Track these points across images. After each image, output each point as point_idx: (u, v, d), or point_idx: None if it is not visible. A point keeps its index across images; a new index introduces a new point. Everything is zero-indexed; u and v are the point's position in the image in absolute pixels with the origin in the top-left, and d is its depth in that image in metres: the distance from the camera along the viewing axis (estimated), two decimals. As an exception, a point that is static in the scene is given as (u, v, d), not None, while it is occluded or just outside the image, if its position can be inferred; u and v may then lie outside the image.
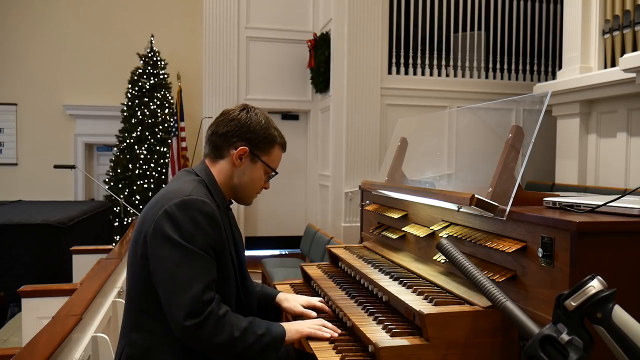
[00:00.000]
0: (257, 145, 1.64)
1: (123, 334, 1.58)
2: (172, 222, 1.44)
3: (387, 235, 2.37)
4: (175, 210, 1.45)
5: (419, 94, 6.33)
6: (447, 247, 1.54)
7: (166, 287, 1.43)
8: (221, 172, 1.64)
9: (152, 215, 1.49)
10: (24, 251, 4.57)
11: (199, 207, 1.47)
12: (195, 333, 1.41)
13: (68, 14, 8.50)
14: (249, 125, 1.63)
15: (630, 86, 4.44)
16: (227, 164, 1.63)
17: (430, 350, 1.46)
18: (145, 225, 1.50)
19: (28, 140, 8.50)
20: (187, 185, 1.53)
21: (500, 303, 1.27)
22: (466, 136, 3.77)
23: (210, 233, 1.48)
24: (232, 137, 1.61)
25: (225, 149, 1.63)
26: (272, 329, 1.55)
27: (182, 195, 1.48)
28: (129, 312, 1.57)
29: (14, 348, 2.25)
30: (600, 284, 1.00)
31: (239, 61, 7.23)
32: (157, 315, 1.50)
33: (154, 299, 1.49)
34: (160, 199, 1.52)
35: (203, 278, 1.44)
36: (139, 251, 1.51)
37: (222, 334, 1.43)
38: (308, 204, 7.70)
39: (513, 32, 6.80)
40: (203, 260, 1.45)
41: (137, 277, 1.54)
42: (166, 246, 1.44)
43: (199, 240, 1.45)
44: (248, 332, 1.48)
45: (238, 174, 1.64)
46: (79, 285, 2.66)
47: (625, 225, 1.35)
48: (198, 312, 1.40)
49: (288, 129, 7.64)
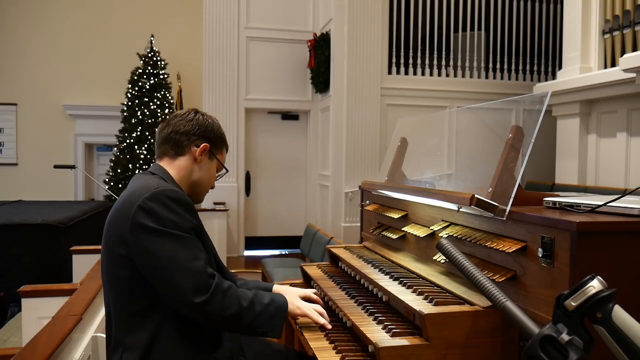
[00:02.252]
0: (215, 144, 1.74)
1: (115, 342, 1.54)
2: (150, 215, 1.46)
3: (387, 235, 2.37)
4: (149, 203, 1.47)
5: (419, 94, 6.33)
6: (447, 247, 1.54)
7: (166, 274, 1.45)
8: (181, 169, 1.68)
9: (124, 216, 1.48)
10: (24, 251, 4.57)
11: (171, 196, 1.51)
12: (206, 308, 1.46)
13: (68, 14, 8.51)
14: (207, 125, 1.72)
15: (630, 86, 4.44)
16: (187, 160, 1.69)
17: (430, 350, 1.46)
18: (119, 227, 1.49)
19: (28, 140, 8.50)
20: (151, 181, 1.56)
21: (500, 303, 1.27)
22: (466, 136, 3.77)
23: (187, 217, 1.52)
24: (194, 134, 1.69)
25: (186, 146, 1.68)
26: (276, 299, 1.64)
27: (151, 189, 1.50)
28: (116, 318, 1.54)
29: (14, 348, 2.25)
30: (600, 284, 1.00)
31: (239, 61, 7.23)
32: (149, 313, 1.50)
33: (140, 298, 1.49)
34: (127, 200, 1.52)
35: (198, 256, 1.49)
36: (117, 253, 1.49)
37: (231, 306, 1.49)
38: (308, 204, 7.70)
39: (513, 32, 6.80)
40: (191, 240, 1.50)
41: (118, 280, 1.52)
42: (152, 238, 1.45)
43: (180, 224, 1.49)
44: (255, 302, 1.56)
45: (197, 170, 1.71)
46: (79, 285, 2.66)
47: (625, 225, 1.35)
48: (205, 287, 1.46)
49: (288, 129, 7.65)
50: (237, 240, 7.30)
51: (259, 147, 7.49)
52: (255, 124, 7.51)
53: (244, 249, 7.44)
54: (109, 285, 1.56)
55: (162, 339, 1.50)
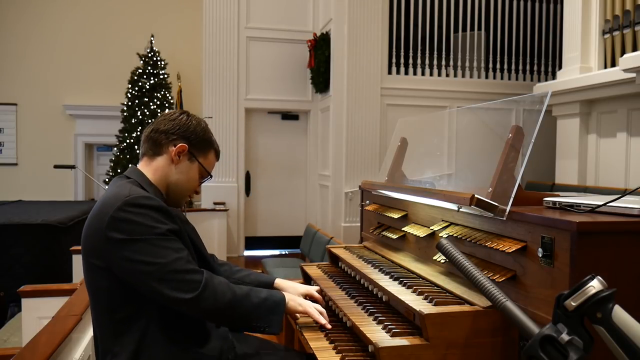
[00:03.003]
0: (196, 146, 1.67)
1: (102, 350, 1.52)
2: (123, 224, 1.43)
3: (387, 235, 2.37)
4: (120, 213, 1.44)
5: (419, 94, 6.33)
6: (447, 247, 1.54)
7: (151, 277, 1.43)
8: (157, 170, 1.65)
9: (98, 227, 1.46)
10: (24, 251, 4.57)
11: (142, 203, 1.47)
12: (199, 303, 1.45)
13: (68, 14, 8.51)
14: (189, 126, 1.66)
15: (630, 86, 4.44)
16: (164, 160, 1.65)
17: (430, 350, 1.46)
18: (93, 237, 1.48)
19: (28, 140, 8.50)
20: (122, 189, 1.52)
21: (500, 303, 1.27)
22: (466, 136, 3.77)
23: (162, 221, 1.48)
24: (173, 134, 1.64)
25: (164, 146, 1.64)
26: (274, 294, 1.64)
27: (122, 198, 1.47)
28: (102, 326, 1.53)
29: (14, 348, 2.25)
30: (600, 284, 1.00)
31: (239, 61, 7.23)
32: (132, 320, 1.49)
33: (123, 306, 1.48)
34: (101, 209, 1.49)
35: (179, 253, 1.47)
36: (93, 263, 1.48)
37: (224, 296, 1.49)
38: (308, 204, 7.70)
39: (513, 32, 6.80)
40: (169, 241, 1.47)
41: (98, 290, 1.51)
42: (129, 247, 1.43)
43: (155, 229, 1.46)
44: (250, 294, 1.56)
45: (175, 172, 1.65)
46: (79, 285, 2.66)
47: (625, 225, 1.35)
48: (193, 282, 1.45)
49: (288, 129, 7.65)
50: (237, 240, 7.31)
51: (259, 147, 7.49)
52: (255, 124, 7.51)
53: (244, 249, 7.45)
54: (91, 294, 1.55)
55: (148, 343, 1.49)
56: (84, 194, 8.60)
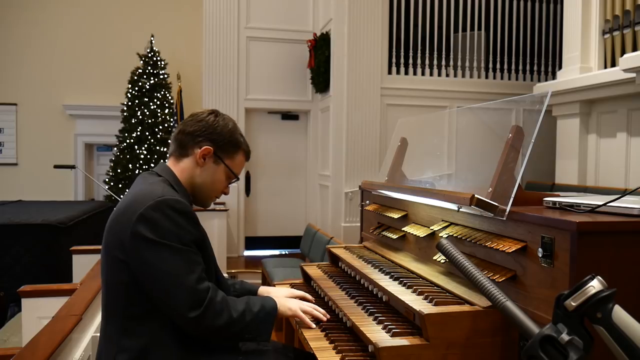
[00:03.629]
0: (222, 148, 1.66)
1: (109, 342, 1.52)
2: (151, 225, 1.44)
3: (387, 235, 2.37)
4: (151, 212, 1.45)
5: (419, 94, 6.33)
6: (447, 247, 1.54)
7: (161, 286, 1.44)
8: (184, 171, 1.65)
9: (125, 221, 1.47)
10: (24, 251, 4.57)
11: (174, 206, 1.48)
12: (200, 322, 1.46)
13: (68, 13, 8.51)
14: (215, 127, 1.65)
15: (630, 86, 4.44)
16: (190, 162, 1.65)
17: (430, 350, 1.46)
18: (120, 231, 1.48)
19: (28, 140, 8.50)
20: (156, 187, 1.53)
21: (500, 303, 1.27)
22: (466, 136, 3.77)
23: (189, 229, 1.50)
24: (199, 136, 1.63)
25: (190, 148, 1.64)
26: (266, 304, 1.63)
27: (155, 197, 1.47)
28: (112, 320, 1.53)
29: (14, 348, 2.25)
30: (600, 284, 1.00)
31: (239, 61, 7.23)
32: (145, 319, 1.49)
33: (137, 304, 1.48)
34: (131, 204, 1.49)
35: (194, 270, 1.47)
36: (116, 257, 1.48)
37: (222, 317, 1.49)
38: (308, 204, 7.70)
39: (513, 32, 6.80)
40: (189, 254, 1.48)
41: (116, 284, 1.51)
42: (151, 248, 1.44)
43: (181, 236, 1.47)
44: (245, 312, 1.55)
45: (200, 174, 1.66)
46: (79, 285, 2.67)
47: (625, 225, 1.35)
48: (198, 302, 1.45)
49: (288, 129, 7.65)
50: (237, 240, 7.30)
51: (259, 147, 7.48)
52: (255, 124, 7.50)
53: (244, 249, 7.44)
54: (106, 288, 1.55)
55: (157, 346, 1.49)
56: (84, 194, 8.60)
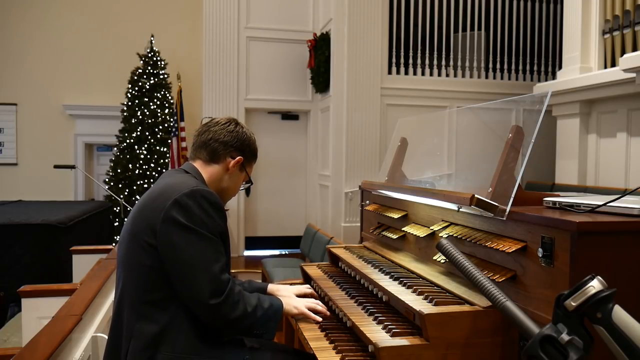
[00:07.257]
0: (247, 157, 1.84)
1: (125, 327, 1.56)
2: (185, 210, 1.53)
3: (387, 235, 2.37)
4: (186, 199, 1.54)
5: (419, 94, 6.32)
6: (447, 247, 1.54)
7: (187, 270, 1.50)
8: (212, 175, 1.76)
9: (157, 206, 1.54)
10: (24, 251, 4.56)
11: (207, 197, 1.58)
12: (218, 311, 1.52)
13: (68, 14, 8.50)
14: (244, 140, 1.82)
15: (630, 86, 4.44)
16: (220, 169, 1.77)
17: (430, 350, 1.46)
18: (151, 216, 1.55)
19: (28, 140, 8.50)
20: (189, 179, 1.64)
21: (500, 303, 1.27)
22: (466, 136, 3.77)
23: (218, 221, 1.60)
24: (232, 146, 1.78)
25: (222, 156, 1.77)
26: (274, 303, 1.73)
27: (190, 187, 1.57)
28: (129, 305, 1.56)
29: (14, 348, 2.25)
30: (600, 284, 1.00)
31: (239, 61, 7.23)
32: (163, 305, 1.53)
33: (159, 289, 1.53)
34: (164, 192, 1.58)
35: (219, 259, 1.55)
36: (145, 241, 1.54)
37: (237, 310, 1.56)
38: (308, 204, 7.70)
39: (513, 32, 6.80)
40: (216, 244, 1.57)
41: (141, 268, 1.55)
42: (181, 233, 1.51)
43: (210, 226, 1.56)
44: (257, 307, 1.63)
45: (227, 179, 1.79)
46: (79, 285, 2.66)
47: (625, 225, 1.35)
48: (220, 291, 1.52)
49: (288, 129, 7.65)
50: (237, 240, 7.30)
51: (259, 147, 7.43)
52: (255, 124, 7.50)
53: (244, 249, 7.44)
54: (128, 271, 1.59)
55: (172, 332, 1.52)
56: (84, 194, 8.59)
